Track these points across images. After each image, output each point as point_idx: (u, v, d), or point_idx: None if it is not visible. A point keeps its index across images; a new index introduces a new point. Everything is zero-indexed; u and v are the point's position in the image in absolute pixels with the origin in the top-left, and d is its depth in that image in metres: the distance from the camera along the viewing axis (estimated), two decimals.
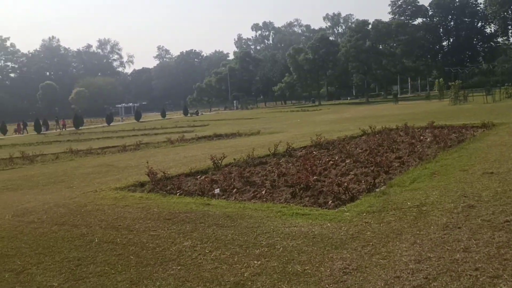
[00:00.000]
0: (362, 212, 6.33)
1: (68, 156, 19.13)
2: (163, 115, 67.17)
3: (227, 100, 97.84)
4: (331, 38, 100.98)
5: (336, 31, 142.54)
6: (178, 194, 8.76)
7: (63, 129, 50.84)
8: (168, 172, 10.71)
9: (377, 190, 7.67)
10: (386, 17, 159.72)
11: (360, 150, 12.68)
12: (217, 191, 8.57)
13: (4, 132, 45.54)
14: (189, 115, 69.46)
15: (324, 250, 5.02)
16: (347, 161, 10.95)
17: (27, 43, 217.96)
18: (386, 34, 76.20)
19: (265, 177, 9.86)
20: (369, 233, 5.42)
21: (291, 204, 7.32)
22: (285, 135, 20.70)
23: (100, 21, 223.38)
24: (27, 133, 48.59)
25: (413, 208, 6.27)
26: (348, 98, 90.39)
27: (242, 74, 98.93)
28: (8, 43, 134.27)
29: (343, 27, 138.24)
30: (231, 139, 21.83)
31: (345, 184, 7.82)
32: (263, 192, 8.37)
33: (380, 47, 78.42)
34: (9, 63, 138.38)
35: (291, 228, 5.90)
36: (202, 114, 71.08)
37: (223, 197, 8.36)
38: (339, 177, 8.99)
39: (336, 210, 6.70)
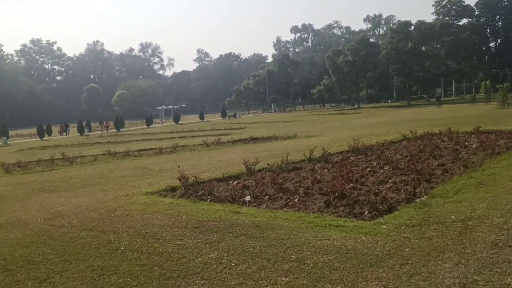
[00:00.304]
0: (400, 225, 5.90)
1: (106, 158, 19.42)
2: (202, 118, 67.76)
3: (265, 102, 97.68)
4: (371, 40, 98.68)
5: (377, 33, 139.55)
6: (208, 200, 8.56)
7: (105, 131, 52.28)
8: (200, 177, 10.57)
9: (417, 200, 7.20)
10: (429, 18, 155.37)
11: (399, 156, 12.13)
12: (247, 198, 8.31)
13: (49, 133, 47.22)
14: (227, 117, 69.70)
15: (358, 267, 4.64)
16: (386, 168, 10.47)
17: (73, 47, 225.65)
18: (429, 35, 73.85)
19: (298, 183, 9.53)
20: (408, 250, 4.99)
21: (325, 214, 6.98)
22: (321, 139, 20.24)
23: (142, 25, 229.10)
24: (68, 134, 50.31)
25: (458, 222, 5.79)
26: (389, 101, 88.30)
27: (281, 77, 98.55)
28: (55, 47, 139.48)
29: (384, 29, 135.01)
30: (267, 143, 21.57)
31: (383, 193, 7.39)
32: (296, 200, 8.04)
33: (423, 49, 76.08)
34: (55, 67, 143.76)
35: (323, 241, 5.55)
36: (240, 116, 71.19)
37: (254, 204, 8.09)
38: (377, 185, 8.55)
39: (373, 222, 6.29)
